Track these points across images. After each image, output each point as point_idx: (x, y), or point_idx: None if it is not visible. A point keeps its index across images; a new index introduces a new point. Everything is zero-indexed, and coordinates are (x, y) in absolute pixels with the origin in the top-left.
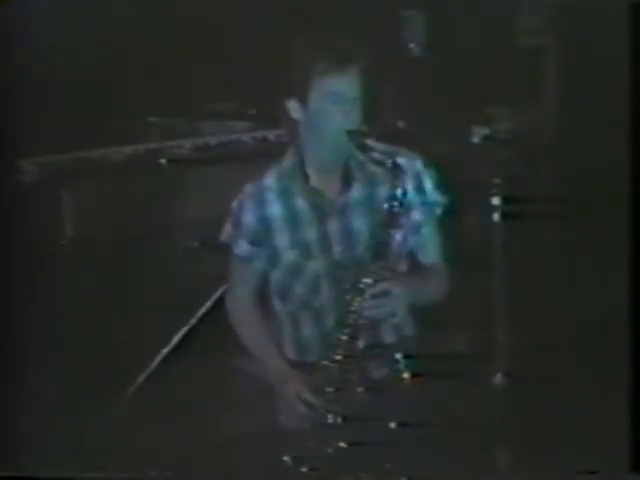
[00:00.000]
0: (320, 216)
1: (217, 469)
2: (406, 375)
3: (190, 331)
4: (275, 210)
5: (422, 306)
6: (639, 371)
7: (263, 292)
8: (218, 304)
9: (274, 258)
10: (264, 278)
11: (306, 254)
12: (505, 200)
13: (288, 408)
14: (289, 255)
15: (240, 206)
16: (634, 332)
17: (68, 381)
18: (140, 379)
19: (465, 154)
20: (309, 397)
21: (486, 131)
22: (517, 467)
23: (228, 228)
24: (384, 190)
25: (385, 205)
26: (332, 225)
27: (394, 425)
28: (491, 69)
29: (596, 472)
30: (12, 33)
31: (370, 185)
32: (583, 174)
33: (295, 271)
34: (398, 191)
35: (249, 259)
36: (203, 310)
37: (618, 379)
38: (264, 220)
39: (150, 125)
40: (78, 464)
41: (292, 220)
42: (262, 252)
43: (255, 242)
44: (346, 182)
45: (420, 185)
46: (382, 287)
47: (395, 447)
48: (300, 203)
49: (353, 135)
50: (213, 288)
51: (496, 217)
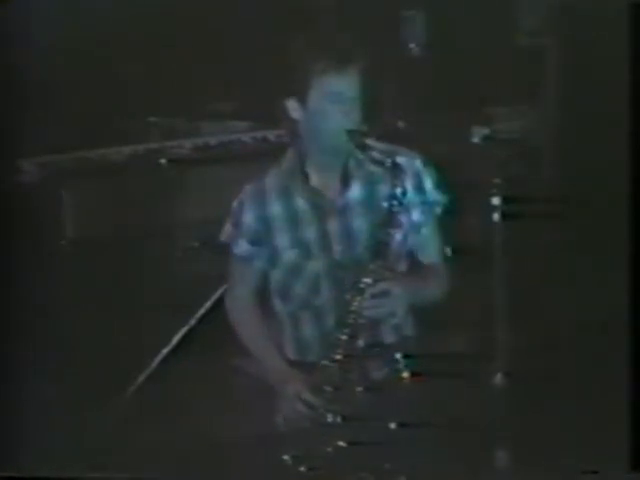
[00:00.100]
0: (320, 216)
1: (217, 469)
2: (406, 375)
3: (190, 331)
4: (275, 210)
5: (422, 306)
6: (639, 371)
7: (263, 292)
8: (218, 304)
9: (274, 258)
10: (264, 278)
11: (306, 254)
12: (505, 200)
13: (288, 408)
14: (289, 255)
15: (240, 206)
16: (634, 332)
17: (68, 381)
18: (140, 379)
19: (465, 154)
20: (309, 397)
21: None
22: (517, 467)
23: (228, 228)
24: (384, 190)
25: (385, 205)
26: (332, 225)
27: (394, 425)
28: (491, 69)
29: (596, 472)
30: (12, 33)
31: (370, 185)
32: (583, 174)
33: (295, 271)
34: (398, 191)
35: (249, 259)
36: (203, 310)
37: (618, 379)
38: (264, 220)
39: (150, 125)
40: (78, 464)
41: (292, 220)
42: (262, 252)
43: (255, 242)
44: (346, 182)
45: (420, 184)
46: (382, 287)
47: (395, 447)
48: (300, 203)
49: (353, 135)
50: (213, 288)
51: (496, 217)
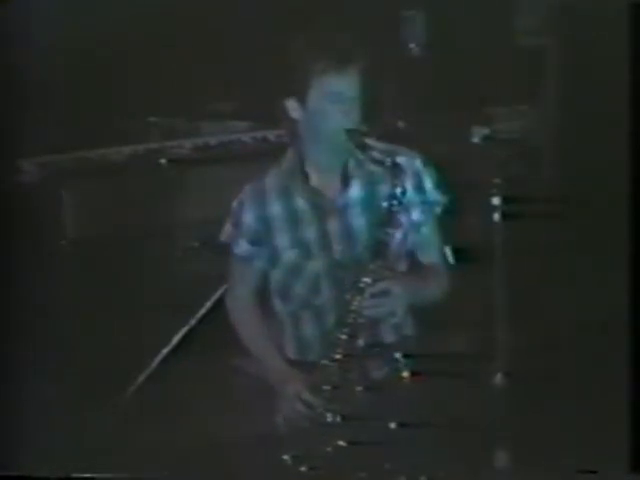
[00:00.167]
0: (320, 216)
1: (217, 469)
2: (406, 374)
3: (190, 331)
4: (275, 210)
5: (422, 306)
6: (639, 371)
7: (263, 292)
8: (218, 304)
9: (274, 258)
10: (264, 278)
11: (306, 254)
12: (505, 200)
13: (288, 408)
14: (289, 255)
15: (240, 206)
16: (634, 332)
17: (68, 381)
18: (140, 379)
19: (465, 154)
20: (308, 396)
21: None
22: (517, 467)
23: (228, 228)
24: (384, 189)
25: (385, 204)
26: (332, 225)
27: (394, 425)
28: (491, 69)
29: (596, 472)
30: (12, 33)
31: (370, 184)
32: (583, 174)
33: (295, 271)
34: (398, 190)
35: (249, 259)
36: (203, 310)
37: (618, 379)
38: (264, 220)
39: (150, 125)
40: (78, 464)
41: (292, 220)
42: (262, 252)
43: (255, 242)
44: (346, 182)
45: (420, 184)
46: (382, 286)
47: (395, 447)
48: (300, 203)
49: (353, 134)
50: (213, 288)
51: (496, 217)
